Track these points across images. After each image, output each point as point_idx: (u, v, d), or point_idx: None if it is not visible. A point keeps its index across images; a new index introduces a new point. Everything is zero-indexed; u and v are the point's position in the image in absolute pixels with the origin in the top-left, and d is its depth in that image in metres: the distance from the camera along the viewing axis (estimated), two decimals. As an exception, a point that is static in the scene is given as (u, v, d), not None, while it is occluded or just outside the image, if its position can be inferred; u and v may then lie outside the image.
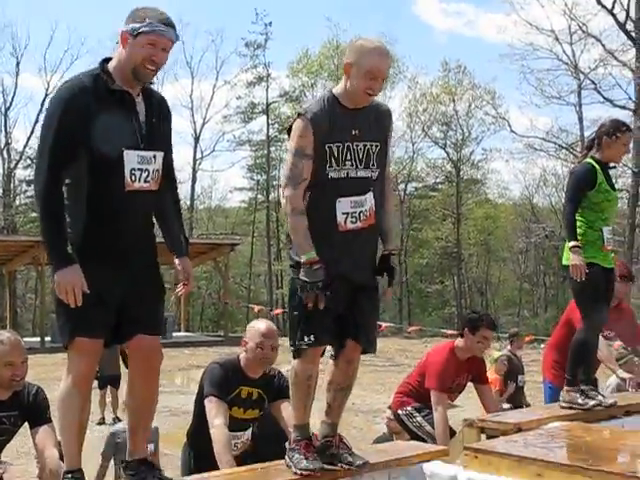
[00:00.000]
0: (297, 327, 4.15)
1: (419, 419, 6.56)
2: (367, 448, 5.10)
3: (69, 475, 3.87)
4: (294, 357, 4.18)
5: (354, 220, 4.14)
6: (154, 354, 3.94)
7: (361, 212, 4.16)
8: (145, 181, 3.84)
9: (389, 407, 7.58)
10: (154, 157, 3.88)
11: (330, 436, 4.28)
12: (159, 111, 3.99)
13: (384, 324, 25.59)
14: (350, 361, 4.30)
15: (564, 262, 5.98)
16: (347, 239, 4.14)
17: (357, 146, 4.14)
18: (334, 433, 4.30)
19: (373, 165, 4.21)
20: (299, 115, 4.13)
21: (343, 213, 4.12)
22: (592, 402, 5.89)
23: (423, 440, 6.19)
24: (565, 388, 6.07)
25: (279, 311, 30.87)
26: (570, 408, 5.89)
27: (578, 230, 5.87)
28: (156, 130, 3.94)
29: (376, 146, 4.21)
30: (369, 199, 4.18)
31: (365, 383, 16.88)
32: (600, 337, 6.70)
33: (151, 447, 6.48)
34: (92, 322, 3.72)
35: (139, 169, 3.80)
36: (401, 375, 13.67)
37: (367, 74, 4.06)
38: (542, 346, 22.93)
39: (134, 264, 3.85)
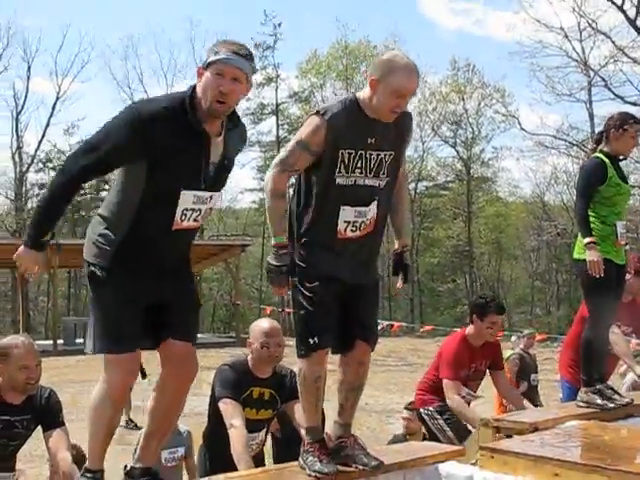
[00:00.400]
0: (301, 329, 4.14)
1: (441, 422, 6.52)
2: (381, 449, 5.04)
3: (89, 474, 3.84)
4: (299, 358, 4.15)
5: (354, 229, 4.11)
6: (189, 362, 3.88)
7: (362, 222, 4.12)
8: (194, 220, 3.77)
9: (405, 407, 7.53)
10: (210, 197, 3.79)
11: (344, 437, 4.25)
12: (234, 151, 3.88)
13: (396, 324, 25.57)
14: (361, 362, 4.26)
15: (575, 256, 5.92)
16: (344, 244, 4.11)
17: (370, 155, 4.06)
18: (348, 434, 4.26)
19: (383, 174, 4.14)
20: (317, 113, 4.03)
21: (345, 221, 4.08)
22: (612, 404, 5.82)
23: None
24: (582, 389, 6.01)
25: (290, 310, 30.85)
26: (588, 408, 5.82)
27: (591, 225, 5.80)
28: (224, 172, 3.85)
29: (390, 155, 4.13)
30: (372, 209, 4.15)
31: (377, 383, 16.86)
32: (619, 332, 6.66)
33: (181, 451, 6.45)
34: (123, 339, 3.68)
35: (192, 209, 3.72)
36: (414, 375, 13.63)
37: (395, 93, 3.94)
38: (555, 344, 22.87)
39: (167, 278, 3.78)
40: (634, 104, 34.18)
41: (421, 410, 6.74)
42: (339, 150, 3.99)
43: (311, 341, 4.05)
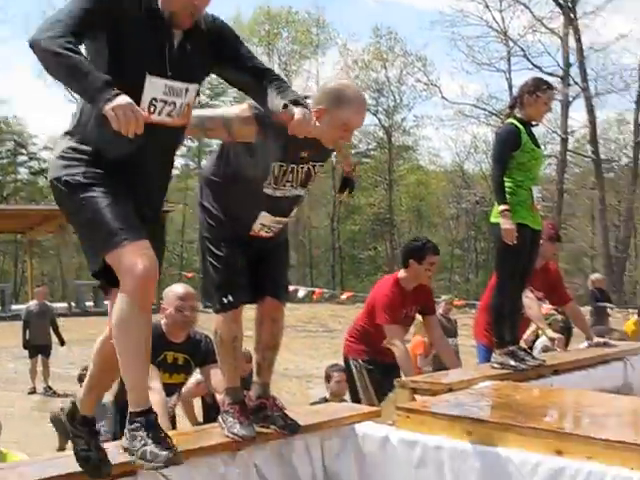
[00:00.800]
0: (213, 289, 4.14)
1: (367, 380, 6.51)
2: (300, 410, 5.08)
3: (140, 418, 3.27)
4: (217, 314, 4.15)
5: (268, 231, 4.15)
6: None
7: (279, 227, 4.18)
8: (168, 115, 3.32)
9: (333, 370, 7.51)
10: (186, 90, 3.35)
11: (263, 397, 4.29)
12: (202, 40, 3.43)
13: (317, 290, 25.69)
14: (275, 319, 4.27)
15: (492, 220, 6.02)
16: (253, 237, 4.16)
17: (302, 168, 4.06)
18: (267, 395, 4.30)
19: (310, 183, 4.18)
20: (256, 115, 3.90)
21: (261, 224, 4.11)
22: (524, 365, 5.96)
23: (359, 402, 6.24)
24: (496, 351, 6.13)
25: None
26: (502, 369, 5.95)
27: (507, 191, 5.89)
28: (192, 59, 3.38)
29: (320, 165, 4.16)
30: (291, 216, 4.23)
31: (298, 349, 16.91)
32: (532, 296, 6.82)
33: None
34: (129, 227, 3.16)
35: (163, 100, 3.27)
36: (334, 341, 13.76)
37: (343, 126, 3.88)
38: (474, 311, 23.25)
39: (148, 198, 3.38)
40: (551, 74, 34.76)
41: (350, 359, 6.73)
42: (271, 163, 3.97)
43: (225, 300, 4.07)
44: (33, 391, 14.43)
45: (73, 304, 28.89)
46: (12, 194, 50.42)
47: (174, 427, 5.34)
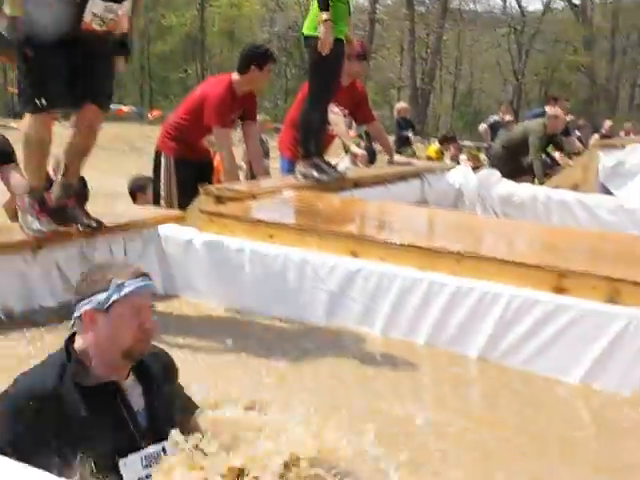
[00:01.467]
0: (28, 91, 4.06)
1: (174, 179, 6.27)
2: (104, 212, 5.00)
3: None
4: (28, 114, 4.09)
5: (101, 24, 4.09)
6: None
7: (113, 21, 4.13)
8: None
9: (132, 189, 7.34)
10: (163, 450, 2.58)
11: (65, 198, 4.26)
12: (161, 387, 2.70)
13: (125, 108, 25.18)
14: (91, 126, 4.28)
15: (305, 32, 5.99)
16: (83, 36, 4.12)
17: None
18: (70, 195, 4.28)
19: None
20: None
21: (93, 13, 4.04)
22: (326, 177, 6.09)
23: (159, 197, 6.17)
24: (300, 162, 6.22)
25: (15, 90, 29.46)
26: (305, 180, 6.08)
27: (330, 3, 5.83)
28: (162, 412, 2.66)
29: None
30: (125, 5, 4.16)
31: (104, 168, 16.56)
32: (338, 112, 6.93)
33: None
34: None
35: None
36: (141, 159, 13.63)
37: None
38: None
39: None
40: None
41: (162, 154, 6.43)
42: None
43: (38, 102, 4.03)
44: None
45: None
46: None
47: None
